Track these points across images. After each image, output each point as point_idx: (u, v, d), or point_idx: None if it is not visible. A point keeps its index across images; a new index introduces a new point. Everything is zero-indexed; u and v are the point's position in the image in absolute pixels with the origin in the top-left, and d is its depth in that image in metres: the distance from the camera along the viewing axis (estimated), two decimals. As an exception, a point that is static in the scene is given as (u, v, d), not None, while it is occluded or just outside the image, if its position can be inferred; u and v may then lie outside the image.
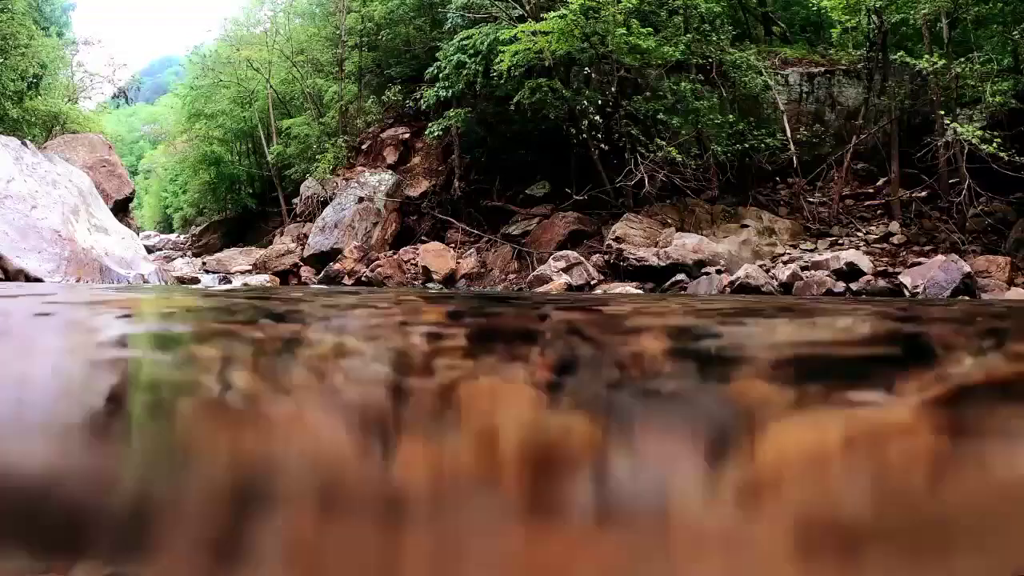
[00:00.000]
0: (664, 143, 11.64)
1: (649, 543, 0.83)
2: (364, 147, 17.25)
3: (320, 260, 14.68)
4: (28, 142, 10.89)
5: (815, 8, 12.93)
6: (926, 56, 10.47)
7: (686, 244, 11.04)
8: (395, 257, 13.84)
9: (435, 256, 13.33)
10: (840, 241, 11.26)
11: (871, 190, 12.51)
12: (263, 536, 0.84)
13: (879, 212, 11.95)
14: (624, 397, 1.50)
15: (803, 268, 10.18)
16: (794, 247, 11.34)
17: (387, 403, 1.43)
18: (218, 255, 18.18)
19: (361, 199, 15.29)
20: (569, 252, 11.90)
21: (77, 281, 8.69)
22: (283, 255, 15.50)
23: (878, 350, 2.61)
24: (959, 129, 9.76)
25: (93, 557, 0.78)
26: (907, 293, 9.07)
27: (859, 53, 13.07)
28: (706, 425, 1.27)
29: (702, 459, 1.08)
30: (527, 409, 1.36)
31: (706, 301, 5.41)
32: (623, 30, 11.61)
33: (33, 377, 1.67)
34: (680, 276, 10.69)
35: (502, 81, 12.53)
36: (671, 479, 0.99)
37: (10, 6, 17.76)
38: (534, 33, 11.79)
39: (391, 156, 16.59)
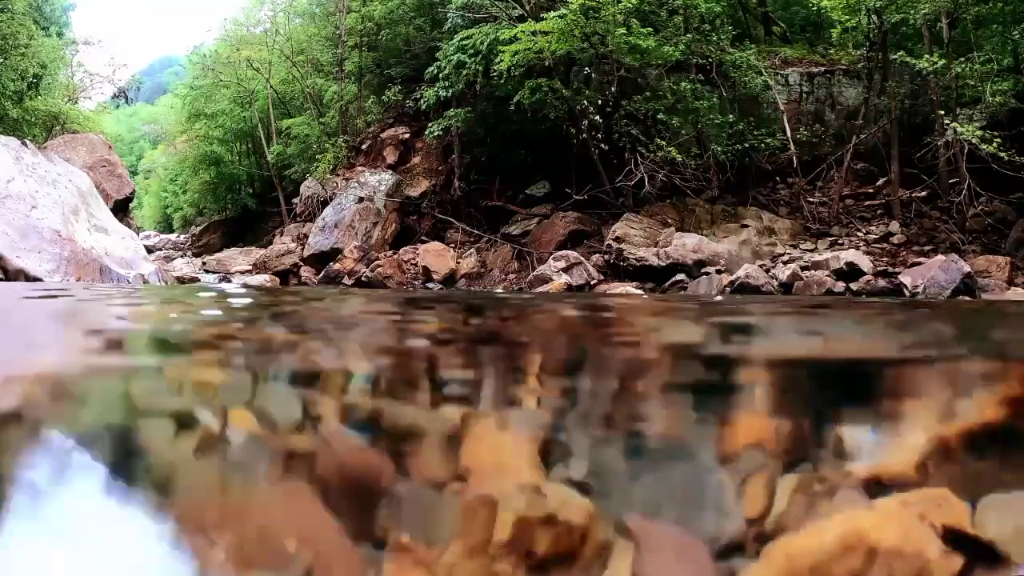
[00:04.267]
0: (664, 143, 11.64)
1: None
2: (364, 147, 17.25)
3: (320, 260, 14.67)
4: (28, 142, 10.89)
5: (815, 8, 12.92)
6: (926, 56, 10.46)
7: (686, 244, 11.04)
8: (395, 257, 13.83)
9: (435, 256, 13.33)
10: (840, 241, 11.26)
11: (871, 190, 12.50)
12: None
13: (879, 212, 11.95)
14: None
15: (803, 268, 10.18)
16: (794, 247, 11.34)
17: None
18: (218, 255, 18.18)
19: (361, 199, 15.28)
20: (569, 252, 11.89)
21: (77, 281, 8.69)
22: (283, 255, 15.50)
23: None
24: (959, 129, 9.76)
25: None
26: (907, 293, 9.07)
27: (859, 53, 13.07)
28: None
29: None
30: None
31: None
32: (623, 30, 11.61)
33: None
34: (680, 276, 10.68)
35: (502, 81, 12.52)
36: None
37: (10, 6, 17.75)
38: (534, 33, 11.79)
39: (391, 156, 16.59)
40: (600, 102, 12.29)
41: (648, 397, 1.61)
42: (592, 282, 11.18)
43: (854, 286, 9.57)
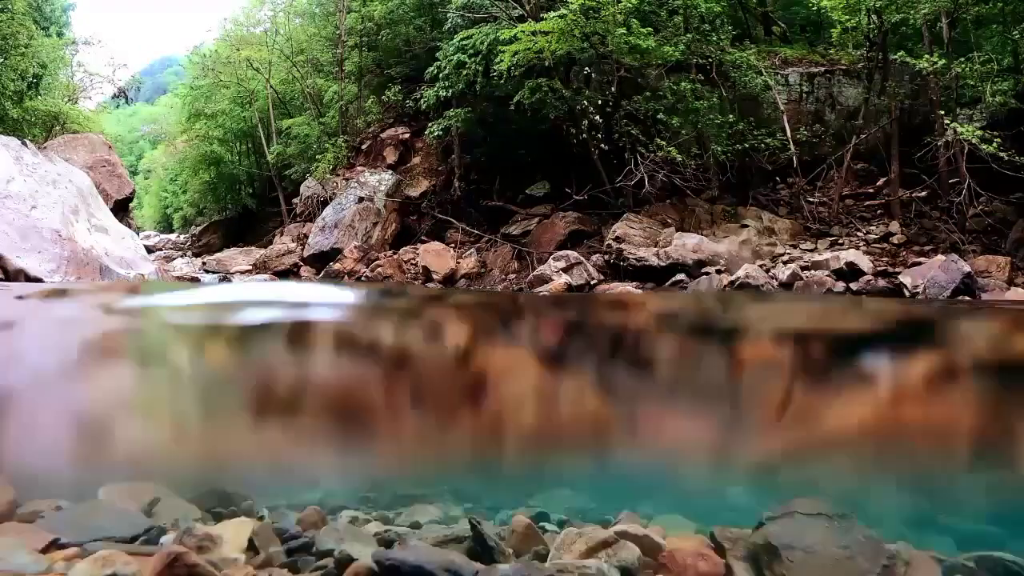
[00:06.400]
0: (664, 143, 11.64)
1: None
2: (364, 147, 17.25)
3: (320, 260, 14.68)
4: (28, 142, 10.88)
5: (815, 8, 12.90)
6: (926, 56, 10.46)
7: (686, 244, 11.04)
8: (395, 257, 13.84)
9: (435, 256, 13.33)
10: (840, 241, 11.26)
11: (871, 190, 12.50)
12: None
13: (879, 212, 11.95)
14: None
15: (803, 268, 10.18)
16: (794, 247, 11.34)
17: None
18: (218, 255, 18.18)
19: (361, 199, 15.29)
20: (569, 252, 11.89)
21: (77, 281, 8.69)
22: (283, 255, 15.51)
23: None
24: (959, 129, 9.75)
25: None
26: (907, 293, 9.07)
27: (859, 53, 13.06)
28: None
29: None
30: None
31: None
32: (623, 30, 11.61)
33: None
34: (680, 276, 10.69)
35: (502, 81, 12.52)
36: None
37: (10, 6, 17.74)
38: (534, 33, 11.79)
39: (391, 156, 16.59)
40: (600, 102, 12.29)
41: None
42: (592, 282, 11.18)
43: (854, 286, 9.58)
